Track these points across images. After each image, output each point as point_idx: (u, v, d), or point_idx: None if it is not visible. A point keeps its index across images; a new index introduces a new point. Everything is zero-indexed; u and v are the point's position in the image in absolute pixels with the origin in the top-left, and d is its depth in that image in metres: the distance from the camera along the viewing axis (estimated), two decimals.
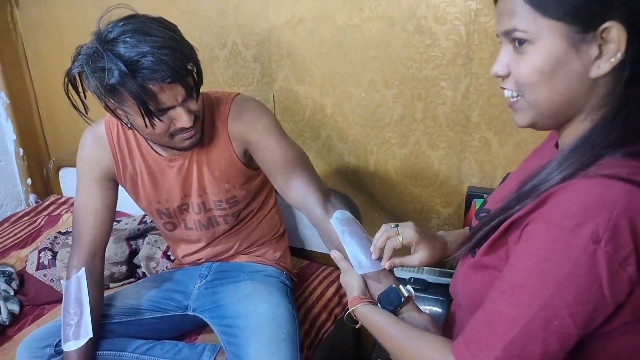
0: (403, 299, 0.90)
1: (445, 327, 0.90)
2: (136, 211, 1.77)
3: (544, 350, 0.58)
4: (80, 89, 1.02)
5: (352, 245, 0.99)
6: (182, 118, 1.01)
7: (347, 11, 1.40)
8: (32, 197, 2.15)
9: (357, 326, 0.90)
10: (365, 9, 1.38)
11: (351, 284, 0.94)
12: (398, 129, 1.46)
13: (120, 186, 1.27)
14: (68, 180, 2.12)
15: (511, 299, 0.60)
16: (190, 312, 1.29)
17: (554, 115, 0.66)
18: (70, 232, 1.72)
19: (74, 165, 2.04)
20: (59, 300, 1.52)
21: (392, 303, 0.89)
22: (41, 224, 1.94)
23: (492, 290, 0.65)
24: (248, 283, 1.25)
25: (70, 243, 1.61)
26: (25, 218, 2.01)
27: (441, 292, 1.39)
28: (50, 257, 1.58)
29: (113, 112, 1.05)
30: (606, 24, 0.57)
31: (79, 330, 1.13)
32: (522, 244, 0.62)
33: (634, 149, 0.59)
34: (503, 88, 0.69)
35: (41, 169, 2.17)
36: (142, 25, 0.96)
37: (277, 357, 1.05)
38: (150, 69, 0.92)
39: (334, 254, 1.01)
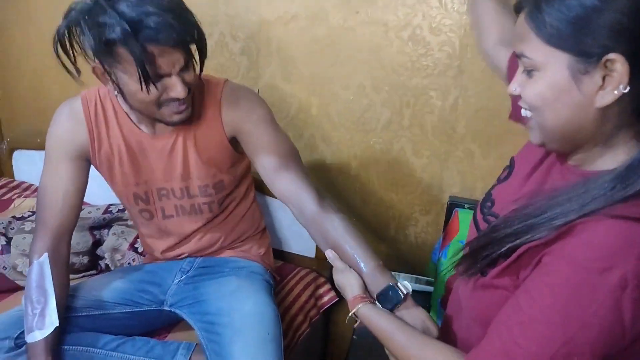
0: (402, 297, 0.89)
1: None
2: (97, 200, 1.68)
3: None
4: (70, 50, 0.96)
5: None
6: (176, 87, 0.97)
7: (342, 12, 1.40)
8: None
9: (355, 325, 0.90)
10: (361, 12, 1.38)
11: (350, 283, 0.92)
12: (384, 135, 1.47)
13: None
14: (22, 163, 1.98)
15: (531, 333, 0.61)
16: (166, 308, 1.23)
17: (560, 140, 0.66)
18: (27, 217, 1.61)
19: (30, 148, 1.94)
20: (12, 290, 1.41)
21: (391, 301, 0.89)
22: None
23: (505, 314, 0.65)
24: (233, 279, 1.21)
25: (26, 229, 1.51)
26: None
27: (418, 300, 1.40)
28: (4, 242, 1.47)
29: (103, 75, 0.99)
30: (609, 56, 0.57)
31: (43, 320, 1.05)
32: (543, 277, 0.62)
33: None
34: (520, 106, 0.70)
35: None
36: None
37: (264, 358, 1.02)
38: (155, 29, 0.89)
39: (329, 254, 0.99)
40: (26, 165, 1.96)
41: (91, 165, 1.19)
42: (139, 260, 1.46)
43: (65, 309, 1.14)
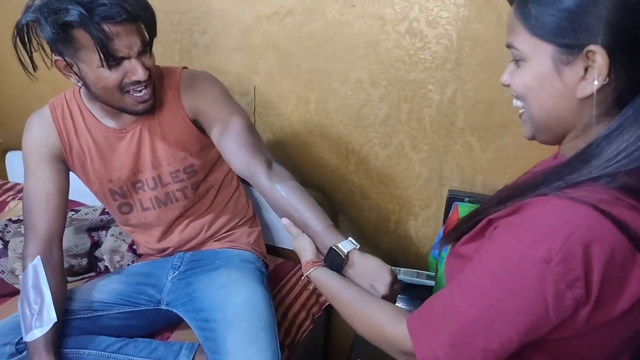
0: (344, 257, 0.91)
1: None
2: (94, 201, 1.66)
3: (484, 347, 0.62)
4: (28, 45, 1.00)
5: None
6: (137, 70, 1.01)
7: (338, 6, 1.38)
8: None
9: (310, 287, 1.00)
10: (357, 5, 1.36)
11: (304, 248, 0.96)
12: (382, 129, 1.46)
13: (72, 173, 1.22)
14: (15, 164, 1.95)
15: (464, 294, 0.65)
16: (163, 307, 1.22)
17: (546, 130, 0.69)
18: (23, 220, 1.59)
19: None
20: (10, 294, 1.40)
21: (334, 263, 0.92)
22: None
23: (453, 280, 0.69)
24: (223, 271, 1.21)
25: (23, 232, 1.49)
26: None
27: (419, 294, 1.41)
28: (1, 246, 1.45)
29: (65, 68, 1.03)
30: (589, 47, 0.59)
31: (41, 317, 1.04)
32: (487, 245, 0.66)
33: (623, 180, 0.60)
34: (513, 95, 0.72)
35: None
36: None
37: (257, 347, 1.01)
38: (107, 5, 0.93)
39: (284, 222, 1.02)
40: (20, 166, 1.91)
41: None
42: (137, 261, 1.44)
43: (65, 312, 1.14)
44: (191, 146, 1.20)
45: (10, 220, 1.58)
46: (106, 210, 1.61)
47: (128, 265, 1.45)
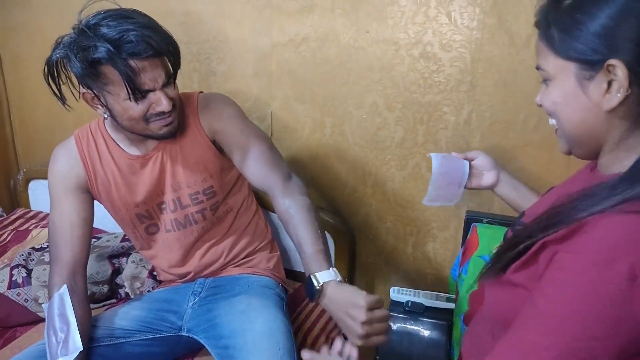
0: (319, 287, 0.91)
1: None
2: (115, 227, 1.69)
3: None
4: (57, 79, 1.06)
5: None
6: (162, 102, 1.05)
7: (352, 32, 1.41)
8: None
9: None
10: (371, 31, 1.39)
11: None
12: (398, 152, 1.47)
13: (96, 202, 1.26)
14: (39, 194, 2.00)
15: (542, 327, 0.62)
16: (184, 333, 1.22)
17: (580, 144, 0.72)
18: (46, 248, 1.62)
19: (45, 178, 1.95)
20: (33, 322, 1.41)
21: (311, 293, 0.92)
22: (7, 239, 1.81)
23: (522, 315, 0.65)
24: (243, 298, 1.21)
25: (46, 260, 1.52)
26: None
27: (439, 316, 1.39)
28: (25, 274, 1.47)
29: (92, 100, 1.07)
30: (609, 62, 0.62)
31: (67, 345, 1.05)
32: (554, 272, 0.63)
33: None
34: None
35: (8, 181, 2.03)
36: (122, 11, 1.02)
37: None
38: (134, 42, 0.97)
39: (305, 356, 0.90)
40: (42, 195, 1.98)
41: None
42: (158, 287, 1.46)
43: (88, 340, 1.15)
44: (211, 166, 1.23)
45: (33, 248, 1.61)
46: (127, 237, 1.63)
47: (148, 291, 1.46)
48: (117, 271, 1.52)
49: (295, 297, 1.47)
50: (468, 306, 1.30)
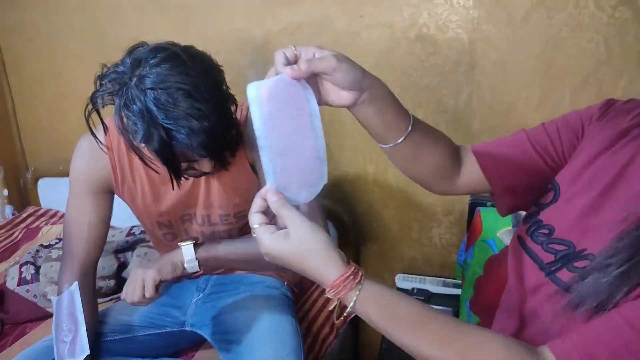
0: None
1: None
2: (121, 223, 1.70)
3: None
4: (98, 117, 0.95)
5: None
6: (204, 166, 0.96)
7: (347, 18, 1.38)
8: (8, 209, 2.05)
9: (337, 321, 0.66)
10: (365, 15, 1.36)
11: (316, 250, 0.58)
12: None
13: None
14: (47, 192, 2.03)
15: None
16: (187, 328, 1.23)
17: None
18: (54, 245, 1.64)
19: (53, 175, 1.98)
20: (42, 318, 1.44)
21: None
22: (19, 237, 1.84)
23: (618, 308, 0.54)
24: (248, 296, 1.20)
25: (53, 257, 1.54)
26: (2, 231, 1.90)
27: (446, 303, 1.38)
28: (33, 271, 1.50)
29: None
30: None
31: (74, 348, 1.06)
32: None
33: None
34: None
35: (18, 180, 2.07)
36: (184, 78, 0.85)
37: None
38: (185, 143, 0.85)
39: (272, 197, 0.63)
40: (51, 193, 2.01)
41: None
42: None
43: (95, 335, 1.16)
44: (247, 194, 1.15)
45: (42, 245, 1.63)
46: (132, 231, 1.64)
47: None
48: (122, 265, 1.54)
49: (300, 288, 1.46)
50: (473, 292, 1.28)
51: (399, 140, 0.72)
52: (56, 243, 1.64)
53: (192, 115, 0.84)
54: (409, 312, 0.59)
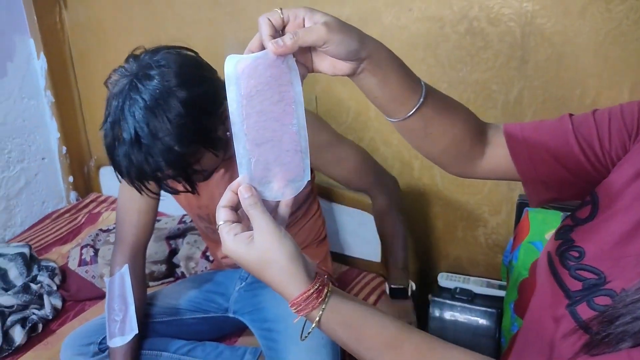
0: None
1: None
2: (173, 211, 1.78)
3: None
4: None
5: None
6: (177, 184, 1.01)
7: (395, 11, 1.37)
8: (72, 195, 2.19)
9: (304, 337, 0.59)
10: (414, 9, 1.34)
11: (279, 262, 0.53)
12: None
13: None
14: (107, 179, 2.15)
15: None
16: (230, 314, 1.27)
17: None
18: (111, 229, 1.75)
19: None
20: (99, 297, 1.53)
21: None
22: (82, 221, 1.97)
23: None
24: None
25: (111, 241, 1.63)
26: (66, 215, 2.04)
27: (489, 304, 1.34)
28: (92, 253, 1.60)
29: None
30: None
31: (124, 327, 1.13)
32: None
33: None
34: None
35: (82, 167, 2.20)
36: (160, 94, 0.88)
37: None
38: (121, 169, 0.93)
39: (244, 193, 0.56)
40: (111, 181, 2.13)
41: None
42: (210, 267, 1.52)
43: (145, 316, 1.22)
44: None
45: (101, 230, 1.74)
46: (183, 219, 1.72)
47: (202, 271, 1.53)
48: (173, 251, 1.61)
49: (341, 281, 1.48)
50: (518, 294, 1.25)
51: (408, 115, 0.63)
52: (114, 228, 1.74)
53: (136, 135, 0.88)
54: (379, 333, 0.54)
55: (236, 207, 0.57)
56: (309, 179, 0.58)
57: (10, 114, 1.95)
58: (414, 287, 1.35)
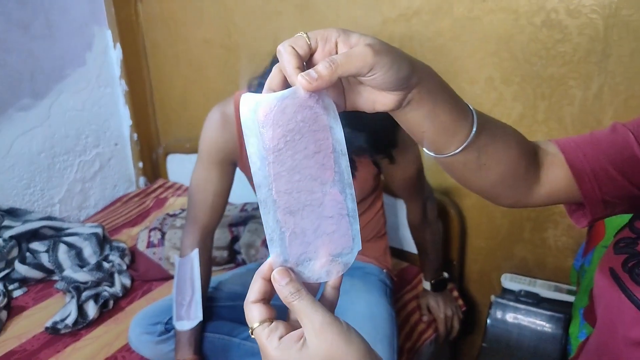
0: None
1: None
2: (234, 199, 1.82)
3: None
4: None
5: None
6: None
7: (467, 2, 1.33)
8: (142, 180, 2.29)
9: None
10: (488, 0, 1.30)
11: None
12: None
13: None
14: (174, 166, 2.23)
15: None
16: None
17: None
18: (178, 214, 1.81)
19: (181, 152, 2.17)
20: (166, 278, 1.60)
21: None
22: (150, 205, 2.06)
23: None
24: (347, 279, 1.23)
25: (177, 225, 1.70)
26: (136, 199, 2.14)
27: (556, 308, 1.29)
28: (160, 236, 1.67)
29: None
30: None
31: (190, 312, 1.17)
32: None
33: None
34: None
35: (151, 154, 2.30)
36: None
37: None
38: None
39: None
40: (178, 168, 2.21)
41: None
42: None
43: (210, 299, 1.26)
44: (363, 182, 1.24)
45: (168, 214, 1.81)
46: (245, 207, 1.76)
47: (262, 259, 1.56)
48: (235, 238, 1.66)
49: (400, 278, 1.47)
50: (588, 301, 1.19)
51: (462, 147, 0.53)
52: (179, 213, 1.81)
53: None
54: None
55: (269, 298, 0.46)
56: (360, 249, 0.47)
57: (88, 100, 2.06)
58: (447, 276, 1.45)
